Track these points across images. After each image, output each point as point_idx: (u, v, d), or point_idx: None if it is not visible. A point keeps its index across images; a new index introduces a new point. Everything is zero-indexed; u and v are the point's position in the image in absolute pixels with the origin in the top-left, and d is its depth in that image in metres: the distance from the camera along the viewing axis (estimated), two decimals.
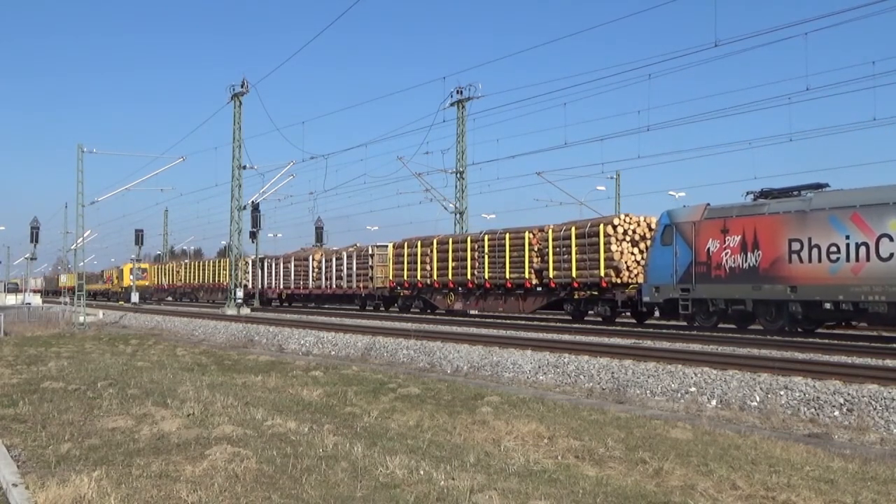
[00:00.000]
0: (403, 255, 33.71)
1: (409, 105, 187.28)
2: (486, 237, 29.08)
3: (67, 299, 46.14)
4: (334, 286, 40.19)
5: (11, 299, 58.57)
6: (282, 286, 45.95)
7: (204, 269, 58.70)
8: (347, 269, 39.01)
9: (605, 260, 24.32)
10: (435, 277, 31.79)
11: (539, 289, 27.30)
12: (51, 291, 56.47)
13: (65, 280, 60.11)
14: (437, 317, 30.84)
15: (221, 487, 6.00)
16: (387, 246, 35.99)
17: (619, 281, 24.20)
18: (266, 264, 47.78)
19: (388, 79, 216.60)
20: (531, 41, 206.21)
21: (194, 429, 8.33)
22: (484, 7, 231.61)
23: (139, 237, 58.31)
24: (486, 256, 28.88)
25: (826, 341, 17.86)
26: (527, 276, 27.17)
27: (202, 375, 13.99)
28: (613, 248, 24.19)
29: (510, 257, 27.90)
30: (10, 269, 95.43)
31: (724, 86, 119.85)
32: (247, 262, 48.96)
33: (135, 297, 57.45)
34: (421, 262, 32.61)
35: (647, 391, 13.01)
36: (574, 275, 25.29)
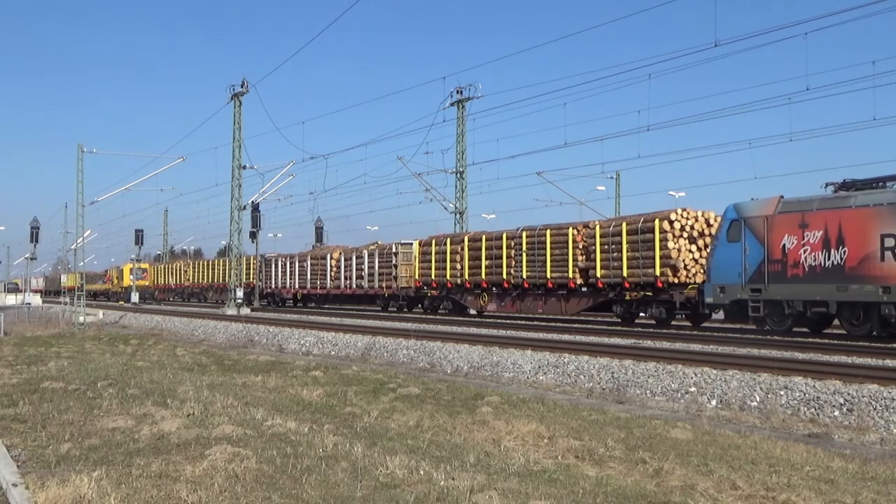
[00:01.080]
0: (431, 254, 31.95)
1: (409, 105, 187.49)
2: (525, 234, 27.32)
3: (67, 299, 46.13)
4: (354, 286, 38.70)
5: (11, 299, 58.61)
6: (297, 286, 44.33)
7: (214, 269, 56.99)
8: (369, 268, 37.42)
9: (660, 258, 22.54)
10: (466, 277, 30.02)
11: (584, 289, 25.60)
12: (52, 291, 55.99)
13: (66, 280, 59.43)
14: (438, 317, 30.81)
15: (221, 487, 6.00)
16: (411, 244, 34.39)
17: (676, 281, 22.51)
18: (280, 263, 46.15)
19: (387, 79, 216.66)
20: (531, 41, 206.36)
21: (194, 429, 8.33)
22: (484, 7, 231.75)
23: (139, 237, 58.32)
24: (525, 254, 27.13)
25: (826, 341, 17.85)
26: (570, 275, 25.41)
27: (202, 375, 13.99)
28: (670, 245, 22.44)
29: (551, 255, 26.16)
30: (10, 269, 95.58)
31: (724, 86, 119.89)
32: (257, 261, 48.00)
33: (135, 297, 57.46)
34: (450, 261, 30.78)
35: (647, 391, 13.01)
36: (625, 274, 23.54)
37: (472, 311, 31.21)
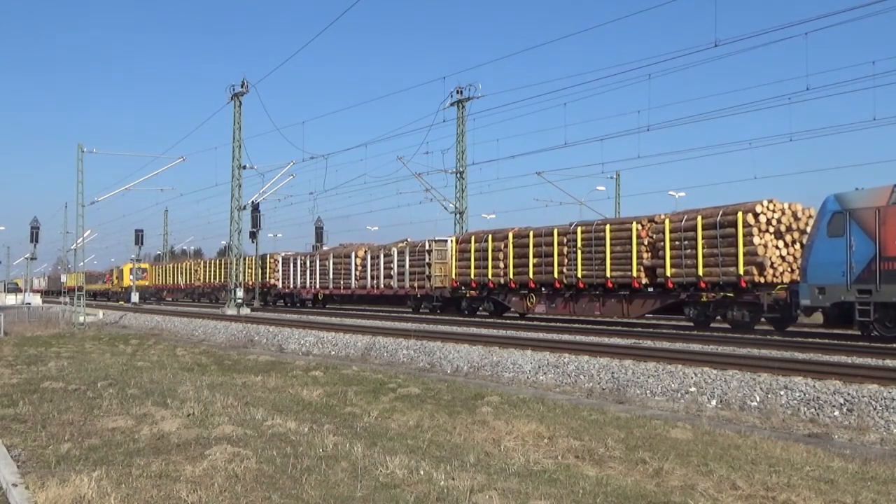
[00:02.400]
0: (470, 251, 29.95)
1: (409, 105, 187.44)
2: (580, 229, 25.25)
3: (67, 299, 46.11)
4: (382, 286, 36.36)
5: (11, 299, 58.60)
6: (318, 286, 42.07)
7: (227, 269, 56.20)
8: (398, 266, 35.08)
9: (744, 255, 20.51)
10: (511, 276, 27.92)
11: (651, 289, 23.35)
12: (55, 291, 55.24)
13: (69, 279, 58.66)
14: (438, 317, 30.79)
15: (221, 487, 6.00)
16: (446, 240, 32.48)
17: (761, 280, 20.41)
18: (300, 262, 44.13)
19: (388, 79, 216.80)
20: (531, 41, 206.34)
21: (194, 429, 8.33)
22: (484, 7, 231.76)
23: (139, 237, 58.26)
24: (579, 251, 25.00)
25: (826, 341, 17.85)
26: (634, 274, 23.21)
27: (202, 375, 13.99)
28: (756, 240, 20.34)
29: (611, 252, 23.97)
30: (10, 269, 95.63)
31: (724, 86, 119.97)
32: (276, 260, 46.41)
33: (135, 297, 57.44)
34: (493, 259, 28.75)
35: (647, 391, 13.01)
36: (700, 273, 21.39)
37: (517, 312, 29.33)
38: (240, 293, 41.42)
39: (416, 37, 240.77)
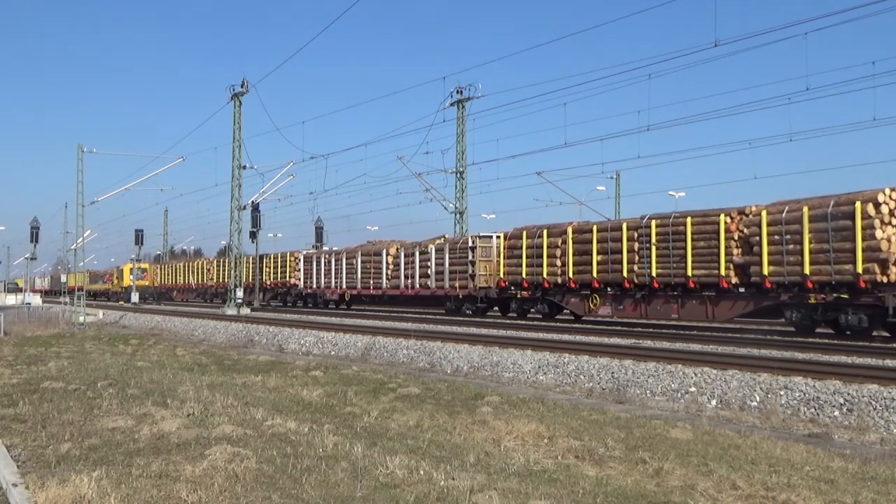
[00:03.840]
0: (521, 248, 27.37)
1: (409, 105, 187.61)
2: (654, 223, 22.66)
3: (67, 299, 46.09)
4: (417, 285, 33.62)
5: (11, 299, 58.58)
6: (343, 285, 39.28)
7: (243, 268, 53.53)
8: (437, 265, 32.42)
9: (863, 251, 18.00)
10: (570, 275, 25.32)
11: (742, 290, 20.91)
12: (57, 291, 54.30)
13: (72, 279, 57.81)
14: (439, 317, 30.76)
15: (221, 487, 6.00)
16: (491, 237, 30.31)
17: (885, 280, 17.89)
18: (324, 261, 41.40)
19: (388, 79, 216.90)
20: (531, 41, 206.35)
21: (194, 429, 8.33)
22: (484, 7, 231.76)
23: (139, 237, 58.22)
24: (654, 248, 22.49)
25: (826, 341, 17.84)
26: (722, 272, 20.73)
27: (202, 375, 13.99)
28: (878, 234, 17.77)
29: (693, 248, 21.51)
30: (11, 269, 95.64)
31: (724, 86, 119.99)
32: (297, 259, 44.48)
33: (135, 297, 57.40)
34: (548, 256, 26.15)
35: (647, 391, 13.01)
36: (807, 271, 18.93)
37: (577, 314, 26.74)
38: (239, 293, 41.41)
39: (416, 37, 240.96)
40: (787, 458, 7.58)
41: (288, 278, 45.52)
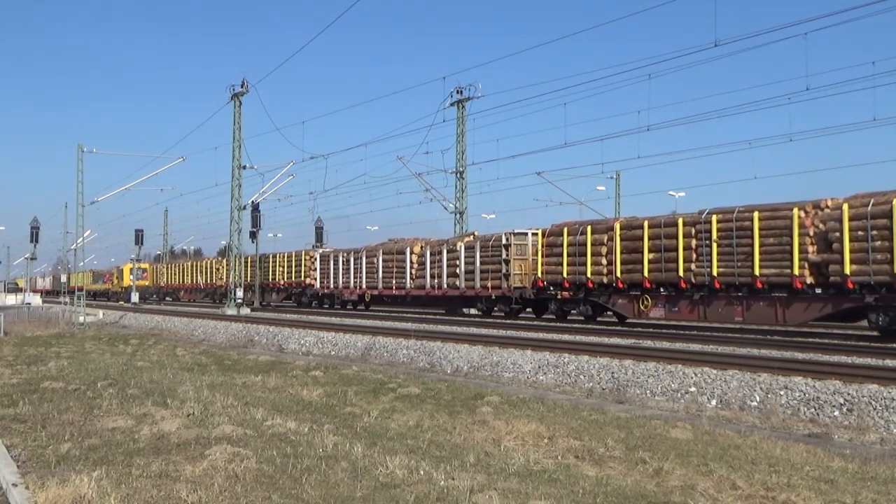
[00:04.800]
0: (561, 246, 25.50)
1: (409, 105, 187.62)
2: (715, 218, 21.02)
3: (67, 299, 46.06)
4: (445, 285, 31.64)
5: (11, 299, 58.57)
6: (363, 286, 37.35)
7: (254, 267, 49.83)
8: (466, 264, 30.49)
9: None
10: (618, 275, 23.48)
11: (819, 291, 19.33)
12: (60, 291, 53.37)
13: (75, 279, 56.85)
14: (439, 317, 30.75)
15: (221, 487, 6.00)
16: (526, 234, 28.45)
17: None
18: (342, 260, 39.33)
19: (388, 79, 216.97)
20: (531, 41, 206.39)
21: (194, 429, 8.33)
22: (484, 7, 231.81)
23: (139, 237, 58.24)
24: (715, 245, 20.87)
25: (826, 341, 17.84)
26: (795, 271, 19.16)
27: (202, 375, 13.99)
28: None
29: (761, 245, 19.92)
30: (11, 269, 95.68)
31: (724, 86, 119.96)
32: (312, 258, 42.66)
33: (135, 297, 57.40)
34: (592, 255, 24.33)
35: (647, 391, 13.01)
36: None
37: (627, 317, 24.60)
38: (239, 293, 41.42)
39: (416, 37, 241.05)
40: (787, 458, 7.58)
41: (303, 278, 43.64)
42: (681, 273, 21.62)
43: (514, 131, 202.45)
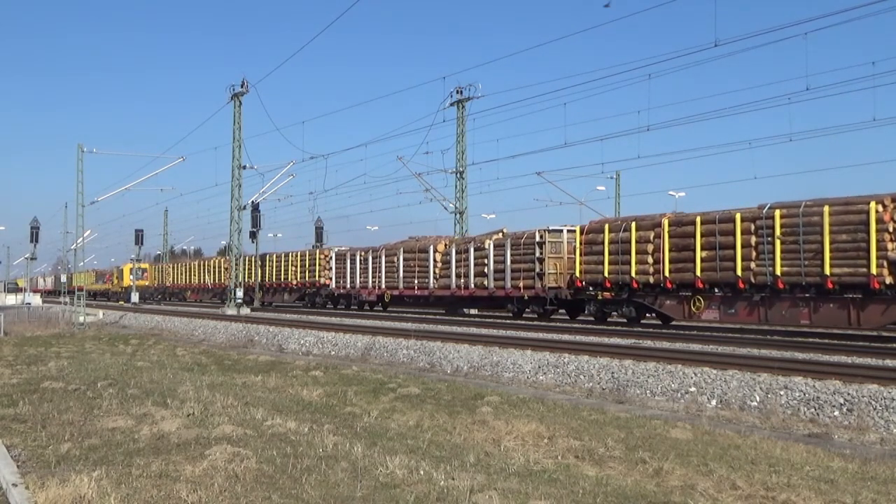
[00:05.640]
0: (602, 243, 23.88)
1: (409, 105, 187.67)
2: (779, 213, 19.48)
3: (67, 299, 46.05)
4: (472, 285, 30.02)
5: (11, 299, 58.57)
6: (383, 286, 35.80)
7: (266, 267, 48.08)
8: (496, 262, 28.96)
9: None
10: (666, 274, 21.90)
11: None
12: (61, 291, 52.69)
13: (78, 279, 56.17)
14: (439, 317, 30.74)
15: (221, 487, 6.00)
16: (561, 231, 27.01)
17: None
18: (359, 259, 37.64)
19: (388, 79, 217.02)
20: (531, 41, 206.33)
21: (194, 429, 8.34)
22: (484, 7, 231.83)
23: (139, 237, 58.23)
24: (778, 241, 19.35)
25: (826, 341, 17.83)
26: (873, 270, 17.67)
27: (202, 375, 13.99)
28: None
29: (832, 242, 18.48)
30: (11, 269, 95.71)
31: (724, 86, 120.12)
32: (327, 257, 41.10)
33: (135, 297, 57.40)
34: (637, 253, 22.75)
35: (647, 391, 13.01)
36: None
37: (674, 319, 22.95)
38: (239, 293, 41.41)
39: (416, 37, 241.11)
40: (787, 458, 7.58)
41: (317, 278, 41.96)
42: (738, 272, 20.06)
43: (514, 131, 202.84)
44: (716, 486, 6.33)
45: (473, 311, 33.56)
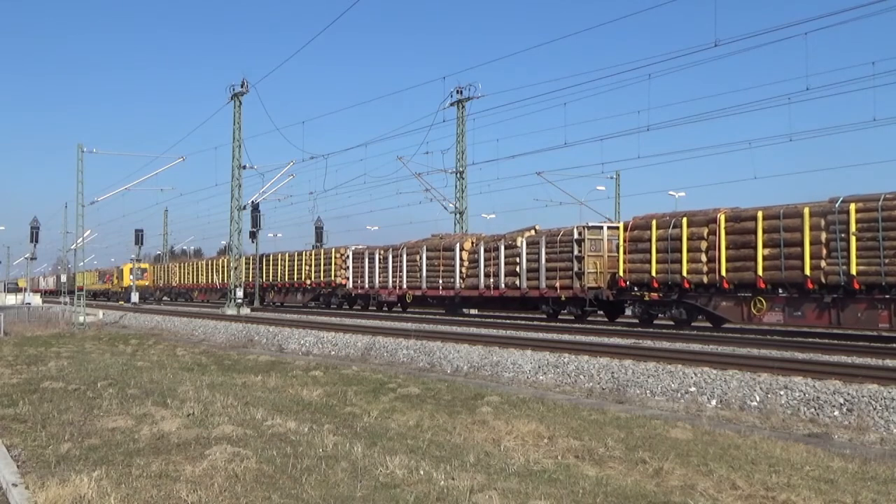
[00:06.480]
0: (649, 240, 22.54)
1: (409, 105, 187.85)
2: (854, 206, 17.97)
3: (67, 299, 46.04)
4: (503, 285, 28.62)
5: (11, 299, 58.56)
6: (404, 286, 34.34)
7: (280, 266, 46.48)
8: (529, 261, 27.51)
9: None
10: (722, 273, 20.52)
11: None
12: (64, 291, 52.14)
13: (81, 278, 55.26)
14: (440, 317, 30.72)
15: (221, 487, 6.00)
16: (601, 227, 25.87)
17: None
18: (378, 258, 36.27)
19: (388, 79, 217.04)
20: (531, 41, 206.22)
21: (194, 429, 8.34)
22: (484, 7, 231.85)
23: (139, 237, 58.25)
24: (854, 238, 17.92)
25: (826, 341, 17.83)
26: None
27: (202, 375, 13.99)
28: None
29: None
30: (10, 269, 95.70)
31: (724, 86, 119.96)
32: (343, 256, 39.80)
33: (135, 297, 57.40)
34: (689, 251, 21.38)
35: (647, 391, 13.01)
36: None
37: (730, 321, 21.83)
38: (239, 293, 41.40)
39: (416, 37, 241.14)
40: (787, 458, 7.58)
41: (333, 277, 40.48)
42: (807, 272, 18.61)
43: (514, 131, 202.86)
44: (716, 486, 6.33)
45: (473, 311, 33.49)
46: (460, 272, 31.11)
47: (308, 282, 43.11)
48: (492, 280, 29.30)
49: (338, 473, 6.43)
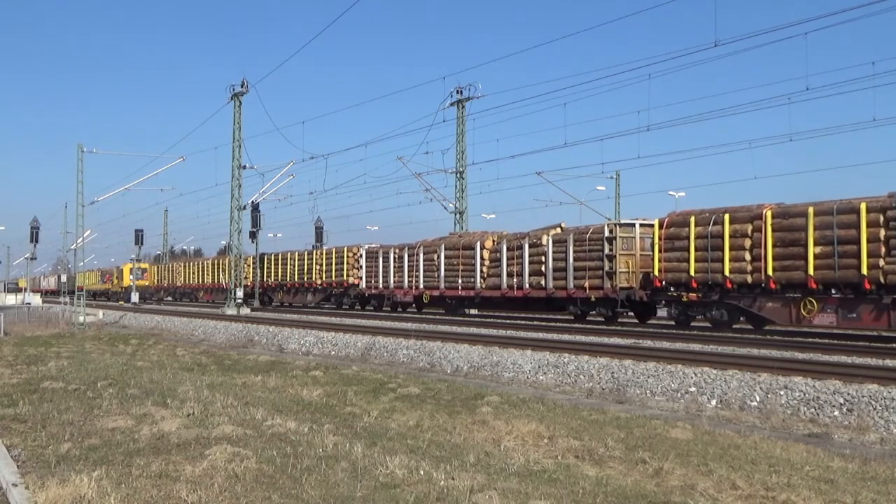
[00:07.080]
0: (687, 238, 21.44)
1: (409, 105, 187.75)
2: None
3: (67, 299, 46.03)
4: (527, 285, 27.38)
5: (11, 299, 58.57)
6: (421, 286, 33.18)
7: (289, 266, 45.53)
8: (555, 260, 26.27)
9: None
10: (769, 273, 19.43)
11: None
12: (64, 291, 51.67)
13: (82, 278, 54.47)
14: (439, 317, 30.71)
15: (221, 487, 6.00)
16: (633, 224, 24.47)
17: None
18: (393, 257, 34.97)
19: (387, 79, 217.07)
20: (531, 41, 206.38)
21: (194, 429, 8.34)
22: (484, 7, 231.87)
23: (139, 237, 58.26)
24: None
25: (826, 341, 17.82)
26: None
27: (202, 375, 13.99)
28: None
29: None
30: (11, 269, 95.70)
31: (724, 86, 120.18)
32: (355, 255, 38.75)
33: (135, 297, 57.40)
34: (732, 249, 20.31)
35: (647, 391, 13.01)
36: None
37: (775, 323, 20.86)
38: (239, 293, 41.40)
39: (416, 37, 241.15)
40: (787, 458, 7.58)
41: (345, 277, 39.35)
42: (864, 271, 17.46)
43: (514, 131, 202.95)
44: (716, 486, 6.33)
45: (473, 311, 33.44)
46: (481, 272, 29.93)
47: (319, 281, 42.12)
48: (515, 280, 28.04)
49: (338, 473, 6.43)
